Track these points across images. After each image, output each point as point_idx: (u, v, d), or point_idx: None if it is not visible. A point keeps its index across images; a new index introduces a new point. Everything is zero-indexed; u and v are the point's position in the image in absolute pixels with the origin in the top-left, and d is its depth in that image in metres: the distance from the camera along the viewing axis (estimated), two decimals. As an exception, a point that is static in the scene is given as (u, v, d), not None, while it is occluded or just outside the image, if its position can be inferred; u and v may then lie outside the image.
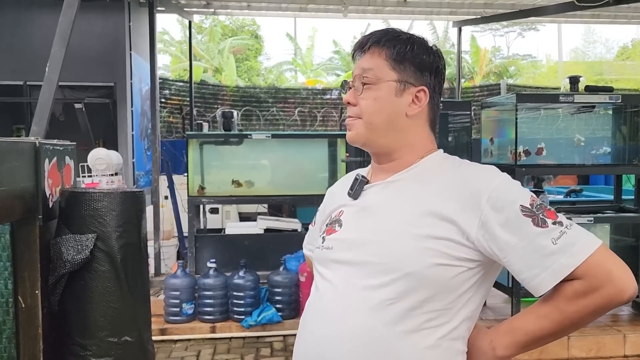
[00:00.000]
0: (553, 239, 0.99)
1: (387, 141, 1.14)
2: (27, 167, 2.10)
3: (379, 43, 1.14)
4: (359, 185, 1.18)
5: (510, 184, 1.06)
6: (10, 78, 5.45)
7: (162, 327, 3.99)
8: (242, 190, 4.34)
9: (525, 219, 1.00)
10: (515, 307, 3.68)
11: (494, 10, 6.30)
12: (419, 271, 1.02)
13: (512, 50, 21.44)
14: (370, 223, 1.12)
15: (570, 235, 0.99)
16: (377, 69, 1.12)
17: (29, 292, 2.17)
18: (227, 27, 18.07)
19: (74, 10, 3.00)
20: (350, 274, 1.09)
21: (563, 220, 1.01)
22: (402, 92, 1.12)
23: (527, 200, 1.02)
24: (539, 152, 3.86)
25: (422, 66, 1.14)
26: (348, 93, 1.16)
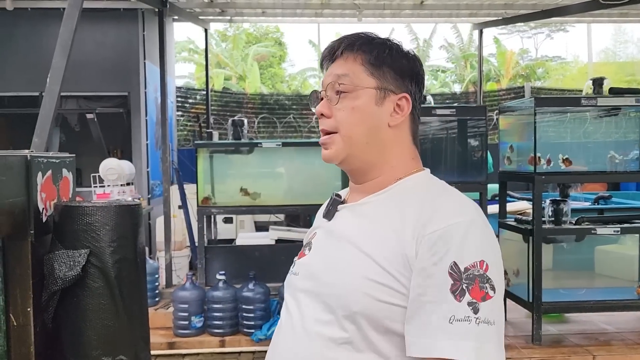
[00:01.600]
0: (452, 317, 0.84)
1: (367, 157, 1.02)
2: (17, 182, 2.03)
3: (352, 47, 1.02)
4: (332, 205, 1.08)
5: (468, 232, 0.89)
6: (26, 89, 5.48)
7: (171, 340, 3.92)
8: (251, 200, 4.25)
9: (447, 279, 0.86)
10: (536, 323, 3.49)
11: (515, 11, 6.11)
12: (365, 310, 0.91)
13: (541, 52, 21.01)
14: (333, 249, 1.02)
15: (471, 328, 0.84)
16: (354, 75, 1.00)
17: (20, 309, 2.11)
18: (251, 35, 18.18)
19: (74, 21, 2.96)
20: (308, 306, 0.99)
21: (482, 309, 0.85)
22: (382, 100, 1.01)
23: (466, 261, 0.86)
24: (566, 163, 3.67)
25: (403, 71, 1.02)
26: (321, 104, 1.03)
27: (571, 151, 3.75)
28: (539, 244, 3.46)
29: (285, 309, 1.06)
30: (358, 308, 0.91)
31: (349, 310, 0.92)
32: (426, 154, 3.77)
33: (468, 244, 0.88)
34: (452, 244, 0.87)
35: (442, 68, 18.88)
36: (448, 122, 3.80)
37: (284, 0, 5.62)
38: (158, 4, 4.73)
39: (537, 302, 3.45)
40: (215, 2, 5.62)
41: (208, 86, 6.93)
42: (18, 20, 5.41)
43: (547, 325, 3.80)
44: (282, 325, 1.06)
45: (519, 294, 3.71)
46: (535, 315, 3.48)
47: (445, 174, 3.70)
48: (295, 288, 1.05)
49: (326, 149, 1.03)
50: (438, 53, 36.61)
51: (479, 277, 0.86)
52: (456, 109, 3.61)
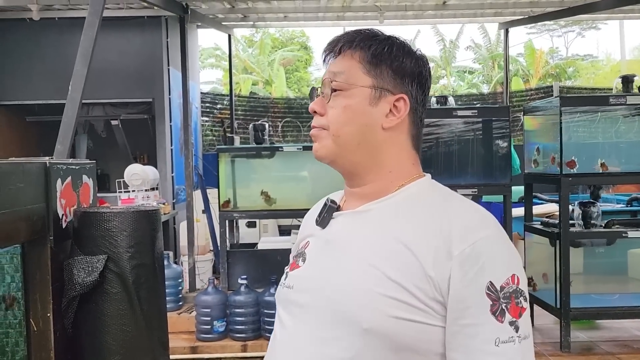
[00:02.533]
0: (497, 340, 0.83)
1: (357, 158, 0.97)
2: (35, 188, 2.06)
3: (351, 44, 0.97)
4: (327, 212, 1.01)
5: (494, 245, 0.87)
6: (54, 97, 5.60)
7: (194, 345, 3.93)
8: (272, 205, 4.24)
9: (485, 300, 0.84)
10: (564, 329, 3.38)
11: (542, 9, 5.97)
12: (378, 327, 0.85)
13: (571, 51, 20.57)
14: (332, 260, 0.95)
15: (516, 348, 0.83)
16: (349, 73, 0.96)
17: (40, 314, 2.14)
18: (277, 40, 18.30)
19: (95, 29, 3.00)
20: (307, 322, 0.93)
21: (521, 326, 0.84)
22: (377, 100, 0.95)
23: (501, 279, 0.85)
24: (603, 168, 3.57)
25: (402, 71, 0.96)
26: (314, 101, 0.99)
27: (602, 152, 3.64)
28: (566, 248, 3.35)
29: (280, 324, 1.00)
30: (369, 325, 0.85)
31: (357, 327, 0.86)
32: (448, 156, 3.71)
33: (498, 260, 0.86)
34: (484, 263, 0.85)
35: (469, 69, 18.65)
36: (471, 124, 3.73)
37: (305, 4, 5.62)
38: (179, 11, 4.78)
39: (565, 308, 3.35)
40: (236, 7, 5.66)
41: (232, 91, 6.98)
42: (46, 29, 5.55)
43: (576, 331, 3.69)
44: (276, 340, 1.01)
45: (547, 299, 3.61)
46: (563, 321, 3.38)
47: (468, 177, 3.63)
48: (290, 302, 0.99)
49: (315, 143, 0.99)
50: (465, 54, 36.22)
51: (514, 294, 0.85)
52: (478, 110, 3.54)
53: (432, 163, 3.67)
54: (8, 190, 1.92)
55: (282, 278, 1.05)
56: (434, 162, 3.67)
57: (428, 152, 3.68)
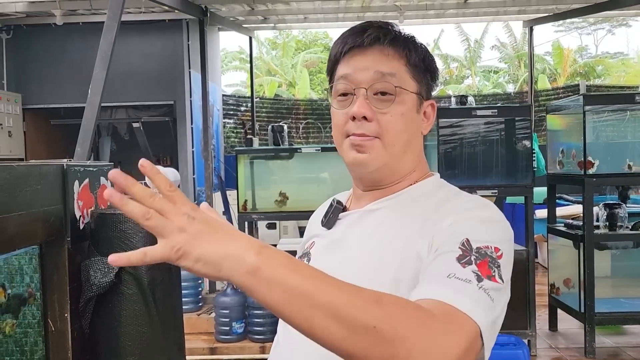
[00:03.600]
0: (452, 275, 0.74)
1: (400, 166, 0.94)
2: (52, 190, 2.09)
3: (397, 42, 0.90)
4: (333, 213, 0.98)
5: (485, 222, 0.83)
6: (79, 101, 5.71)
7: (213, 345, 3.95)
8: (291, 206, 4.24)
9: (455, 249, 0.78)
10: (589, 335, 3.29)
11: (567, 6, 5.83)
12: None
13: (601, 49, 20.12)
14: (339, 260, 0.92)
15: (468, 288, 0.73)
16: (400, 76, 0.89)
17: (58, 315, 2.17)
18: (300, 42, 18.35)
19: (113, 33, 3.04)
20: None
21: (485, 283, 0.74)
22: (420, 107, 0.94)
23: (480, 241, 0.79)
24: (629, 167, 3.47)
25: (434, 76, 0.96)
26: (361, 104, 0.88)
27: (631, 152, 3.54)
28: (591, 250, 3.26)
29: (283, 325, 0.97)
30: None
31: None
32: (469, 157, 3.65)
33: (485, 229, 0.82)
34: (469, 228, 0.81)
35: (494, 68, 18.39)
36: (492, 124, 3.66)
37: (324, 5, 5.61)
38: (199, 14, 4.81)
39: (589, 313, 3.26)
40: (256, 9, 5.68)
41: (253, 93, 7.01)
42: (70, 34, 5.65)
43: (602, 337, 3.58)
44: (280, 345, 0.98)
45: (571, 304, 3.51)
46: (588, 326, 3.28)
47: (489, 178, 3.56)
48: None
49: (361, 153, 0.90)
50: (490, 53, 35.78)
51: (490, 258, 0.77)
52: (498, 110, 3.47)
53: (453, 163, 3.61)
54: (25, 192, 1.95)
55: None
56: (455, 163, 3.61)
57: (447, 152, 3.62)
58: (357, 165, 0.92)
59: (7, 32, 5.69)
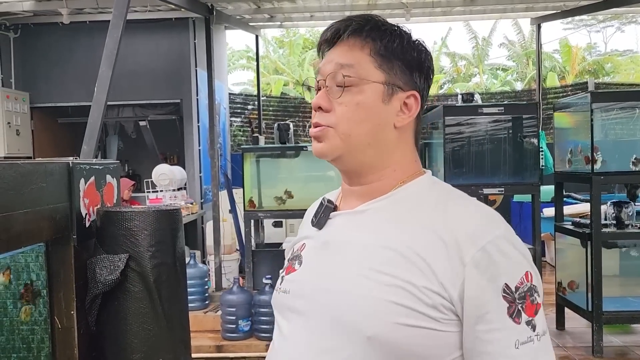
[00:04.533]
0: (517, 342, 0.80)
1: (367, 159, 0.90)
2: (58, 188, 2.10)
3: (360, 33, 0.89)
4: (324, 212, 0.95)
5: (505, 246, 0.83)
6: (85, 99, 5.73)
7: (219, 343, 3.96)
8: (298, 204, 4.24)
9: (502, 303, 0.81)
10: (596, 334, 3.26)
11: (575, 2, 5.79)
12: (383, 335, 0.81)
13: (610, 46, 19.95)
14: (329, 263, 0.90)
15: (535, 347, 0.81)
16: (360, 67, 0.88)
17: (64, 312, 2.18)
18: (307, 40, 18.33)
19: (119, 31, 3.05)
20: (307, 330, 0.88)
21: (537, 325, 0.82)
22: (390, 97, 0.89)
23: (515, 279, 0.82)
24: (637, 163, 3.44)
25: (412, 66, 0.91)
26: (319, 95, 0.90)
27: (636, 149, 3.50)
28: (598, 249, 3.24)
29: (279, 332, 0.96)
30: (373, 333, 0.81)
31: (360, 336, 0.81)
32: (476, 155, 3.63)
33: (510, 259, 0.83)
34: (497, 265, 0.81)
35: (502, 66, 18.29)
36: (499, 122, 3.64)
37: (330, 3, 5.60)
38: (205, 12, 4.82)
39: (597, 312, 3.23)
40: (262, 8, 5.68)
41: (259, 92, 7.01)
42: (77, 33, 5.68)
43: (610, 336, 3.56)
44: (275, 349, 0.96)
45: (578, 302, 3.49)
46: (596, 325, 3.26)
47: (496, 176, 3.54)
48: (287, 308, 0.94)
49: (318, 142, 0.91)
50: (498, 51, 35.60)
51: (529, 292, 0.82)
52: (505, 107, 3.45)
53: (460, 162, 3.59)
54: (31, 189, 1.96)
55: (277, 283, 1.00)
56: (462, 161, 3.59)
57: (456, 151, 3.60)
58: (318, 155, 0.93)
59: (14, 31, 5.72)
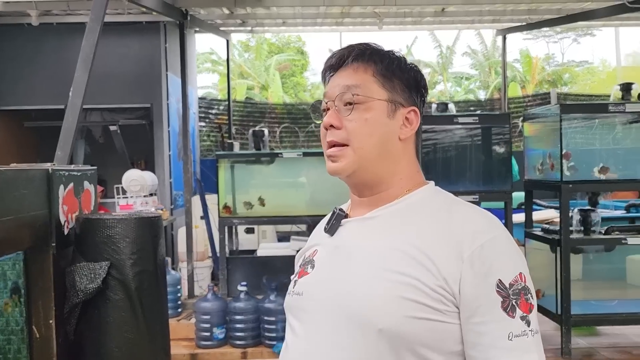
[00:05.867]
0: (511, 334, 0.86)
1: (378, 170, 0.99)
2: (38, 195, 2.05)
3: (362, 57, 0.99)
4: (335, 220, 1.03)
5: (501, 246, 0.91)
6: (53, 102, 5.59)
7: (193, 352, 3.91)
8: (273, 210, 4.24)
9: (495, 297, 0.87)
10: (565, 336, 3.38)
11: (539, 16, 6.01)
12: (393, 327, 0.87)
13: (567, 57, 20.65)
14: (342, 265, 0.97)
15: (529, 341, 0.87)
16: (365, 87, 0.98)
17: (43, 321, 2.12)
18: (273, 45, 18.30)
19: (96, 35, 3.00)
20: (320, 328, 0.94)
21: (532, 321, 0.88)
22: (393, 113, 0.99)
23: (509, 276, 0.89)
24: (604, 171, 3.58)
25: (410, 84, 1.01)
26: (329, 114, 0.99)
27: (600, 158, 3.66)
28: (567, 254, 3.36)
29: (291, 331, 1.01)
30: (384, 326, 0.87)
31: (373, 330, 0.88)
32: (450, 163, 3.71)
33: (506, 259, 0.90)
34: (492, 262, 0.89)
35: (465, 75, 18.72)
36: (471, 130, 3.74)
37: (304, 10, 5.63)
38: (179, 17, 4.78)
39: (565, 314, 3.35)
40: (236, 13, 5.66)
41: (230, 97, 6.97)
42: (44, 35, 5.53)
43: (577, 338, 3.69)
44: (288, 349, 1.01)
45: (547, 305, 3.61)
46: (564, 327, 3.38)
47: (469, 183, 3.63)
48: (300, 309, 1.00)
49: (334, 162, 1.00)
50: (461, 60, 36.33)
51: (523, 290, 0.88)
52: (479, 117, 3.56)
53: (434, 169, 3.67)
54: (13, 196, 1.91)
55: (290, 287, 1.06)
56: (436, 169, 3.67)
57: (429, 158, 3.68)
58: (334, 173, 1.01)
59: (-23, 32, 5.54)
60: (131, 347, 2.12)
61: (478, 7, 5.77)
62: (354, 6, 5.36)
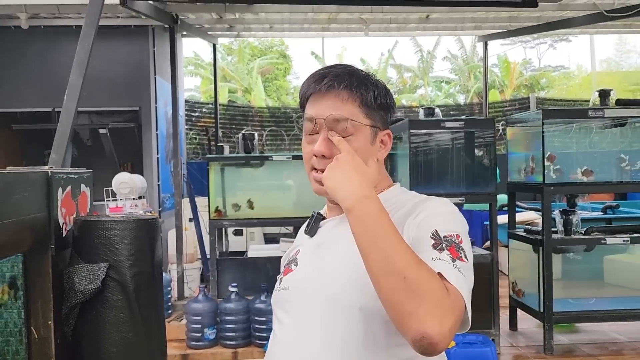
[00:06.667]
0: (434, 258, 0.92)
1: None
2: (38, 197, 2.08)
3: (350, 87, 1.06)
4: (314, 222, 1.16)
5: (448, 215, 1.01)
6: (39, 105, 5.58)
7: (184, 352, 3.94)
8: (262, 212, 4.30)
9: (428, 239, 0.96)
10: (547, 333, 3.50)
11: (520, 23, 6.17)
12: (371, 303, 0.95)
13: (544, 62, 21.04)
14: (322, 259, 1.08)
15: (449, 266, 0.91)
16: (355, 118, 1.06)
17: (41, 322, 2.15)
18: (256, 48, 18.32)
19: (90, 40, 3.03)
20: (306, 314, 1.04)
21: (458, 263, 0.92)
22: (374, 138, 1.09)
23: (445, 230, 0.97)
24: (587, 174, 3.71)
25: (387, 109, 1.11)
26: (322, 143, 1.06)
27: (578, 161, 3.79)
28: (549, 254, 3.48)
29: (278, 323, 1.10)
30: (363, 303, 0.97)
31: (354, 308, 0.97)
32: (436, 166, 3.81)
33: (446, 218, 1.00)
34: (432, 215, 1.00)
35: (445, 79, 18.96)
36: (455, 134, 3.84)
37: (292, 16, 5.70)
38: (169, 21, 4.82)
39: (548, 312, 3.47)
40: (224, 18, 5.71)
41: (217, 100, 7.00)
42: (31, 37, 5.52)
43: (558, 335, 3.81)
44: (277, 337, 1.09)
45: (530, 303, 3.73)
46: (547, 325, 3.50)
47: (454, 186, 3.74)
48: (286, 301, 1.09)
49: (320, 185, 1.06)
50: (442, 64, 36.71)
51: (455, 245, 0.95)
52: (465, 122, 3.66)
53: (420, 172, 3.77)
54: (14, 199, 1.95)
55: (276, 284, 1.15)
56: (421, 171, 3.77)
57: (415, 161, 3.77)
58: (319, 194, 1.11)
59: (-37, 34, 5.50)
60: (129, 347, 2.16)
61: (461, 14, 5.90)
62: (341, 12, 5.45)
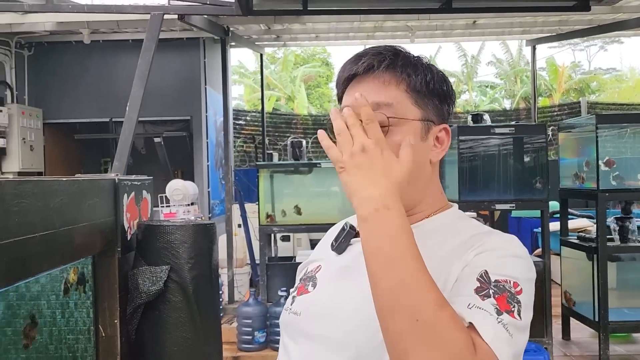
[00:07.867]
0: (471, 305, 0.73)
1: (406, 198, 0.80)
2: (107, 203, 2.22)
3: (394, 68, 0.85)
4: (345, 238, 0.93)
5: (509, 258, 0.80)
6: (98, 116, 5.86)
7: (235, 355, 4.04)
8: (309, 219, 4.37)
9: (473, 281, 0.76)
10: (603, 343, 3.42)
11: (570, 27, 6.05)
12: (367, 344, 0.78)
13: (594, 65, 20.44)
14: (349, 287, 0.86)
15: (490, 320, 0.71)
16: (399, 105, 0.84)
17: (108, 321, 2.28)
18: (299, 56, 18.55)
19: (151, 53, 3.20)
20: (318, 355, 0.85)
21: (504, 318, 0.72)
22: (426, 133, 0.87)
23: (499, 274, 0.77)
24: None
25: (443, 99, 0.89)
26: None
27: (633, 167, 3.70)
28: (604, 262, 3.41)
29: (284, 350, 0.93)
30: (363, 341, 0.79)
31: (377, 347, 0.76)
32: (487, 172, 3.79)
33: (506, 261, 0.79)
34: (488, 259, 0.79)
35: (490, 84, 18.68)
36: (504, 139, 3.82)
37: (338, 25, 5.78)
38: (221, 33, 4.98)
39: (603, 322, 3.39)
40: (272, 29, 5.85)
41: (264, 109, 7.14)
42: (91, 52, 5.81)
43: (613, 345, 3.71)
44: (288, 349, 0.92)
45: (585, 313, 3.65)
46: (602, 334, 3.42)
47: (506, 192, 3.71)
48: (297, 331, 0.90)
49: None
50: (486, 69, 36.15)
51: (509, 293, 0.75)
52: (515, 128, 3.64)
53: (472, 179, 3.76)
54: (88, 204, 2.09)
55: (287, 302, 0.97)
56: (474, 178, 3.76)
57: (465, 168, 3.76)
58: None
59: (29, 49, 5.84)
60: (188, 346, 2.26)
61: (509, 19, 5.84)
62: (387, 21, 5.49)
